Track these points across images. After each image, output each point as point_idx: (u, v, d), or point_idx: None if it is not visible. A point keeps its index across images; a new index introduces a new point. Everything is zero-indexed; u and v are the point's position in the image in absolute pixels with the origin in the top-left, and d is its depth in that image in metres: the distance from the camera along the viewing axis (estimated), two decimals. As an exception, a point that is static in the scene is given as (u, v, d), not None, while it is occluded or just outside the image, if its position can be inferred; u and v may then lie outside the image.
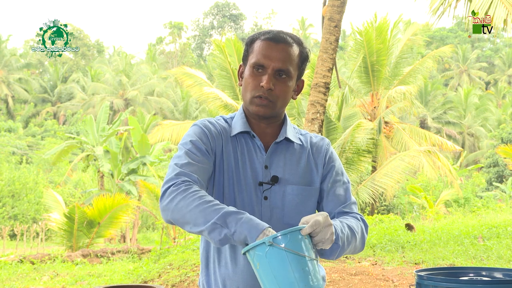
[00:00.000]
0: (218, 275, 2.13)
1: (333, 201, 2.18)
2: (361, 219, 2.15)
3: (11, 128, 43.46)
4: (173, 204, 1.92)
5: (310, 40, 65.91)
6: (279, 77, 2.09)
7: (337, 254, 1.99)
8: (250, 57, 2.12)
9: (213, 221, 1.83)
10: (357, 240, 2.07)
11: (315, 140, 2.26)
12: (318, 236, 1.82)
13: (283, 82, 2.10)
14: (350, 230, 2.04)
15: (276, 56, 2.08)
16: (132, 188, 24.68)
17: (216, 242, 1.86)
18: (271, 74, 2.08)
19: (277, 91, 2.09)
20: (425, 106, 44.54)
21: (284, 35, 2.12)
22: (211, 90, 18.23)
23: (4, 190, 28.54)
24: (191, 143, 2.08)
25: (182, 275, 8.48)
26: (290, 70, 2.10)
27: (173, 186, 1.95)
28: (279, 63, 2.08)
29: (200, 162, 2.05)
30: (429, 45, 51.48)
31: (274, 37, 2.10)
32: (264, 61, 2.08)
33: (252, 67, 2.11)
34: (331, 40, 9.46)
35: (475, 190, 29.67)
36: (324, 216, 1.84)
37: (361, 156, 14.77)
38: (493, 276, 2.25)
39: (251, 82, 2.10)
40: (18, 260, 13.74)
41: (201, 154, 2.06)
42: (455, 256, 9.23)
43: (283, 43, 2.10)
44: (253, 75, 2.10)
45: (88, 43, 62.92)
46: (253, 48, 2.12)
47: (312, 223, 1.80)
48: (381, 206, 24.71)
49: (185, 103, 47.28)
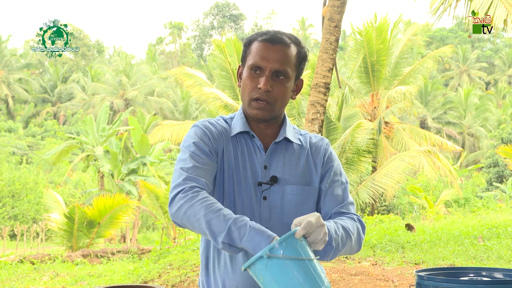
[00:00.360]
0: (217, 275, 2.13)
1: (330, 201, 2.17)
2: (357, 220, 2.14)
3: (11, 128, 43.49)
4: (182, 213, 1.93)
5: (310, 40, 65.95)
6: (277, 78, 2.08)
7: (331, 255, 1.98)
8: (248, 59, 2.12)
9: (221, 240, 1.83)
10: (353, 240, 2.07)
11: (315, 140, 2.26)
12: (311, 237, 1.81)
13: (281, 83, 2.09)
14: (345, 231, 2.03)
15: (273, 57, 2.07)
16: (132, 188, 24.69)
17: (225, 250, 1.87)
18: (269, 76, 2.07)
19: (275, 92, 2.09)
20: (425, 106, 44.55)
21: (281, 35, 2.11)
22: (211, 90, 18.23)
23: (4, 190, 28.55)
24: (194, 145, 2.08)
25: (182, 275, 8.48)
26: (287, 71, 2.09)
27: (181, 193, 1.95)
28: (277, 64, 2.07)
29: (205, 164, 2.04)
30: (429, 45, 51.50)
31: (271, 38, 2.09)
32: (261, 62, 2.07)
33: (249, 68, 2.10)
34: (331, 40, 9.46)
35: (475, 190, 29.67)
36: (316, 216, 1.83)
37: (361, 156, 14.78)
38: (493, 276, 2.25)
39: (249, 84, 2.10)
40: (18, 260, 13.74)
41: (205, 155, 2.06)
42: (455, 256, 9.23)
43: (280, 44, 2.09)
44: (251, 76, 2.09)
45: (88, 43, 62.95)
46: (251, 50, 2.12)
47: (304, 225, 1.79)
48: (381, 206, 24.72)
49: (185, 103, 47.30)
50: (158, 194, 18.09)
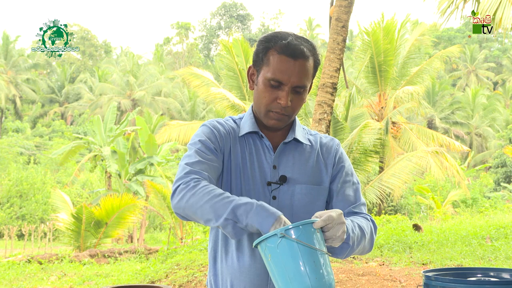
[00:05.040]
0: (226, 275, 2.13)
1: (342, 201, 2.18)
2: (370, 220, 2.16)
3: (19, 129, 43.67)
4: (184, 202, 1.93)
5: (318, 40, 65.91)
6: (296, 92, 2.07)
7: (347, 254, 1.99)
8: (265, 69, 2.06)
9: (225, 216, 1.83)
10: (366, 240, 2.07)
11: (325, 141, 2.26)
12: (329, 231, 1.82)
13: (299, 96, 2.08)
14: (361, 230, 2.04)
15: (295, 73, 2.03)
16: (139, 188, 24.74)
17: (231, 235, 1.87)
18: (289, 92, 2.04)
19: (294, 105, 2.08)
20: (433, 106, 44.43)
21: (301, 46, 2.05)
22: (218, 90, 18.24)
23: (12, 190, 28.67)
24: (200, 142, 2.08)
25: (189, 275, 8.50)
26: (306, 84, 2.07)
27: (183, 184, 1.95)
28: (297, 80, 2.04)
29: (210, 160, 2.05)
30: (437, 45, 51.37)
31: (292, 53, 2.03)
32: (282, 77, 2.03)
33: (268, 80, 2.06)
34: (338, 41, 9.45)
35: (483, 191, 29.58)
36: (338, 213, 1.84)
37: (368, 156, 14.76)
38: (501, 276, 2.25)
39: (267, 96, 2.07)
40: (26, 260, 13.80)
41: (211, 152, 2.07)
42: (462, 257, 9.21)
43: (301, 59, 2.04)
44: (270, 89, 2.06)
45: (96, 43, 63.13)
46: (269, 60, 2.06)
47: (325, 218, 1.80)
48: (389, 206, 24.68)
49: (192, 103, 47.34)
50: (165, 194, 18.12)
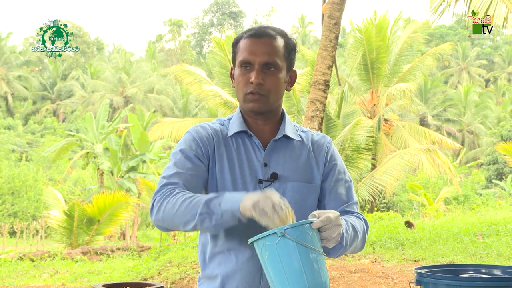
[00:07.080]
0: (217, 272, 2.12)
1: (335, 200, 2.19)
2: (363, 219, 2.17)
3: (11, 126, 43.45)
4: (161, 212, 1.96)
5: (310, 37, 65.92)
6: (268, 70, 2.10)
7: (339, 253, 2.00)
8: (237, 57, 2.15)
9: (199, 212, 1.88)
10: (359, 240, 2.09)
11: (317, 138, 2.25)
12: (326, 232, 1.84)
13: (272, 74, 2.11)
14: (354, 230, 2.05)
15: (261, 50, 2.09)
16: (131, 186, 24.69)
17: (211, 230, 1.91)
18: (259, 69, 2.09)
19: (268, 84, 2.10)
20: (425, 103, 44.52)
21: (266, 29, 2.14)
22: (210, 87, 18.22)
23: (3, 187, 28.56)
24: (181, 152, 2.11)
25: (181, 273, 8.50)
26: (277, 62, 2.10)
27: (158, 196, 1.99)
28: (265, 56, 2.09)
29: (190, 169, 2.06)
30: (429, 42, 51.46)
31: (256, 33, 2.12)
32: (250, 57, 2.10)
33: (240, 65, 2.13)
34: (330, 38, 9.46)
35: (475, 188, 29.69)
36: (336, 215, 1.87)
37: (360, 153, 14.78)
38: (493, 273, 2.26)
39: (241, 80, 2.12)
40: (18, 258, 13.75)
41: (190, 161, 2.08)
42: (454, 254, 9.24)
43: (265, 37, 2.11)
44: (242, 73, 2.12)
45: (88, 40, 62.87)
46: (239, 47, 2.15)
47: (323, 219, 1.83)
48: (381, 203, 24.73)
49: (184, 100, 47.28)
50: (158, 191, 18.06)
